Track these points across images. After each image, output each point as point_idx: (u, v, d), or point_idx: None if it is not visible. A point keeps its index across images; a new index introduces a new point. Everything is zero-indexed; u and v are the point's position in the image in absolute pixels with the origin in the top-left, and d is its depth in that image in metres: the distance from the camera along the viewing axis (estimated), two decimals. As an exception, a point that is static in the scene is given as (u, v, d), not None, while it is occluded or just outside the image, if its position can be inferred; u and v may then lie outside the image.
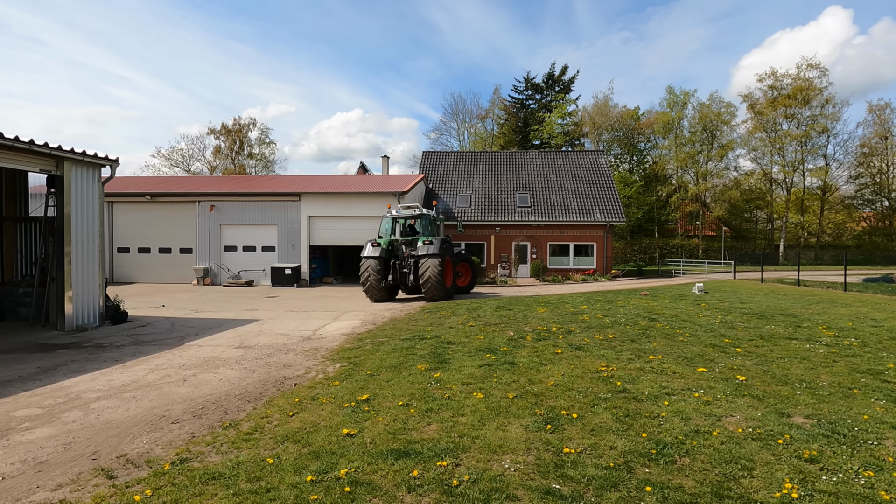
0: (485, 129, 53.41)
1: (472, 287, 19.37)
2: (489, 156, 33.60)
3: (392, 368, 6.84)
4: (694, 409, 4.65)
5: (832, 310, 11.78)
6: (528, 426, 4.38)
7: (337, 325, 11.35)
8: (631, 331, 8.90)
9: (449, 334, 9.22)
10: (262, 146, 53.68)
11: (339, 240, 23.83)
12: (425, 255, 15.67)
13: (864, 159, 43.33)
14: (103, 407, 5.72)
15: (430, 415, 4.85)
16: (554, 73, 52.36)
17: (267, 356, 8.27)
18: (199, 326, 11.30)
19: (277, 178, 30.49)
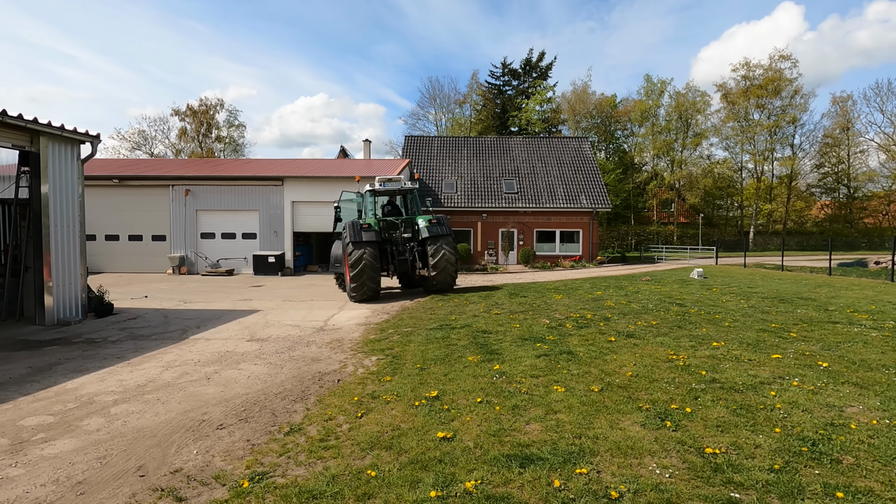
0: (462, 114, 52.73)
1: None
2: (473, 141, 33.05)
3: (440, 361, 6.32)
4: (806, 400, 4.36)
5: (843, 293, 11.96)
6: (644, 423, 3.96)
7: (347, 315, 10.70)
8: (669, 317, 8.66)
9: (478, 323, 8.75)
10: (231, 129, 51.26)
11: (325, 226, 22.83)
12: (436, 235, 13.01)
13: (827, 149, 45.20)
14: (127, 412, 4.98)
15: (521, 412, 4.38)
16: (531, 60, 52.04)
17: (287, 350, 7.60)
18: (196, 318, 10.41)
19: (257, 161, 29.03)
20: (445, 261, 13.03)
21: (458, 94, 54.37)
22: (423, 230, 13.18)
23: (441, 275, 13.12)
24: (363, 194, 14.22)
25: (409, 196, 14.51)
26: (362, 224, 12.74)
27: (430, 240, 13.09)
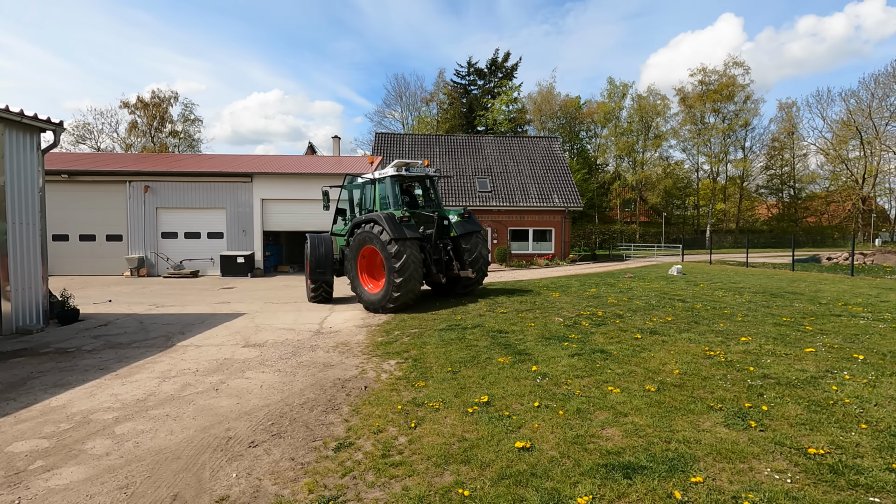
0: (429, 113, 52.32)
1: None
2: (445, 139, 32.77)
3: (469, 364, 5.98)
4: (870, 394, 4.32)
5: (822, 287, 12.48)
6: (726, 423, 3.79)
7: (341, 317, 10.16)
8: (679, 313, 8.65)
9: (489, 322, 8.46)
10: (187, 123, 48.60)
11: (297, 225, 21.95)
12: (470, 232, 11.23)
13: (774, 152, 47.87)
14: (135, 431, 4.37)
15: (588, 416, 4.11)
16: (497, 60, 52.27)
17: (292, 355, 7.05)
18: (177, 323, 9.59)
19: (223, 157, 27.55)
20: (483, 261, 11.43)
21: (424, 92, 53.97)
22: (458, 226, 11.28)
23: (479, 276, 11.42)
24: (378, 180, 11.47)
25: (431, 184, 12.24)
26: (402, 216, 10.20)
27: (465, 237, 11.29)
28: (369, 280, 10.94)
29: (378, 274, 10.97)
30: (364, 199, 12.23)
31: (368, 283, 10.87)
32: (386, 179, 11.29)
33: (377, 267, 10.99)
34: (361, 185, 12.34)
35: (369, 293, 10.56)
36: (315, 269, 11.65)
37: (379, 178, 11.48)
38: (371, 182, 11.79)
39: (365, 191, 12.20)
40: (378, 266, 10.94)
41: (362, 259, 10.92)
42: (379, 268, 10.88)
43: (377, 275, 10.99)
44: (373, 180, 11.68)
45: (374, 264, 11.06)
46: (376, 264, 10.99)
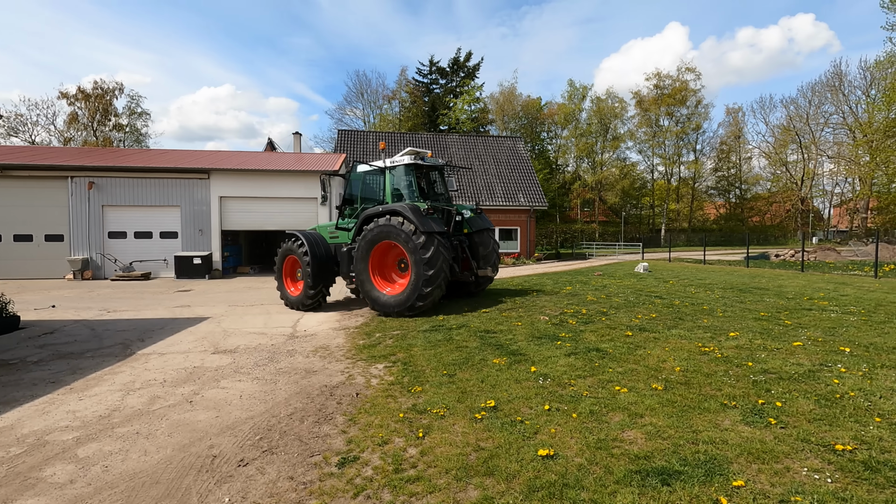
0: (391, 111, 51.68)
1: None
2: (409, 137, 32.39)
3: (463, 366, 5.73)
4: (871, 386, 4.38)
5: (782, 283, 13.02)
6: (746, 421, 3.72)
7: (315, 320, 9.68)
8: (661, 309, 8.72)
9: (474, 322, 8.24)
10: (133, 117, 45.77)
11: (258, 224, 21.03)
12: (483, 229, 10.63)
13: (723, 155, 50.32)
14: (101, 453, 3.86)
15: (603, 419, 3.95)
16: (459, 59, 52.26)
17: (269, 361, 6.58)
18: (134, 330, 8.83)
19: (176, 152, 26.01)
20: (497, 259, 10.86)
21: (386, 89, 53.28)
22: (472, 222, 10.55)
23: (492, 274, 10.74)
24: (390, 168, 10.36)
25: (441, 176, 11.17)
26: (426, 208, 9.24)
27: (479, 234, 10.62)
28: (383, 282, 9.84)
29: (390, 274, 10.08)
30: (372, 190, 11.00)
31: (384, 285, 9.75)
32: (400, 168, 10.24)
33: (390, 266, 10.09)
34: (368, 175, 10.99)
35: (387, 295, 9.41)
36: (318, 272, 10.32)
37: (391, 166, 10.34)
38: (381, 171, 10.59)
39: (373, 180, 11.01)
40: (391, 265, 10.08)
41: (374, 257, 9.75)
42: (392, 266, 10.08)
43: (390, 275, 10.07)
44: (383, 169, 10.48)
45: (386, 263, 10.04)
46: (388, 263, 10.06)
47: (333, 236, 11.25)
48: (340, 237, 11.08)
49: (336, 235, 11.18)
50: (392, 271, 10.13)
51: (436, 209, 9.82)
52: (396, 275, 10.04)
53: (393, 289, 9.66)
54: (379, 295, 9.51)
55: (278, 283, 11.27)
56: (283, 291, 11.17)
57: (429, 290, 8.88)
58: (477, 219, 10.70)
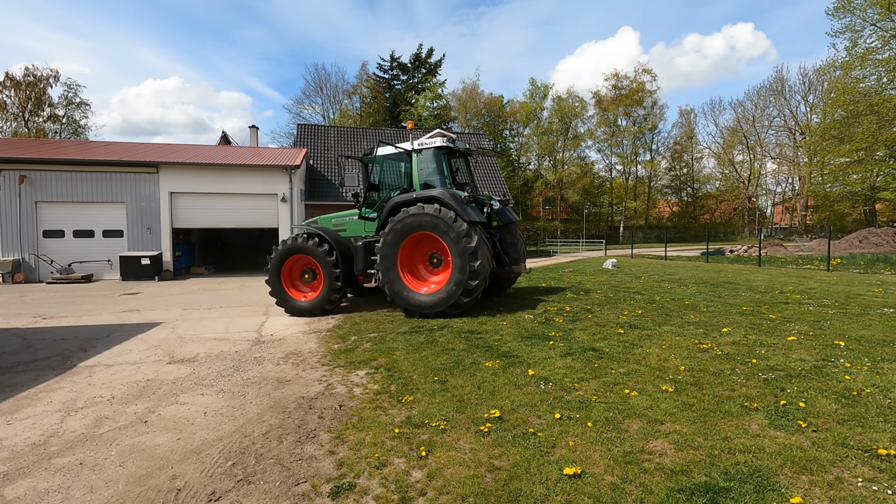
0: (352, 106, 50.48)
1: None
2: (373, 133, 31.57)
3: (454, 370, 5.29)
4: (882, 381, 4.27)
5: (747, 277, 13.33)
6: (774, 425, 3.47)
7: (282, 323, 8.99)
8: (645, 305, 8.60)
9: (455, 321, 7.82)
10: (70, 107, 42.47)
11: (213, 221, 19.79)
12: (513, 221, 9.79)
13: (676, 155, 52.20)
14: (36, 492, 3.19)
15: (621, 427, 3.62)
16: (420, 55, 51.65)
17: (234, 371, 5.92)
18: (74, 338, 7.88)
19: (120, 144, 24.15)
20: (525, 255, 10.01)
21: (346, 84, 52.02)
22: (501, 214, 9.65)
23: (525, 271, 9.58)
24: (418, 151, 9.40)
25: (467, 164, 10.19)
26: (466, 196, 8.39)
27: (508, 227, 9.72)
28: (413, 279, 8.82)
29: (418, 270, 9.04)
30: (393, 176, 10.02)
31: (419, 284, 8.76)
32: (429, 151, 9.26)
33: (419, 261, 9.06)
34: (389, 159, 9.89)
35: (422, 294, 8.43)
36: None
37: (419, 148, 9.35)
38: (407, 154, 9.53)
39: (394, 165, 10.01)
40: (420, 260, 9.06)
41: (403, 251, 8.68)
42: (422, 261, 9.07)
43: (418, 271, 9.04)
44: (410, 151, 9.46)
45: (415, 258, 9.02)
46: (418, 258, 9.04)
47: (340, 229, 10.23)
48: (349, 230, 10.15)
49: (343, 228, 10.22)
50: (421, 267, 9.07)
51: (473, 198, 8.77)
52: (427, 271, 9.02)
53: (430, 287, 8.65)
54: (411, 294, 8.45)
55: (274, 289, 9.73)
56: (282, 298, 9.70)
57: (475, 284, 7.98)
58: (505, 211, 9.80)
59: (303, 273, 9.89)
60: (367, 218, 9.79)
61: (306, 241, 9.43)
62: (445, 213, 8.09)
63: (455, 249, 8.07)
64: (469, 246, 7.93)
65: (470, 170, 10.27)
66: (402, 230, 8.47)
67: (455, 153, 9.61)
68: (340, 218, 10.33)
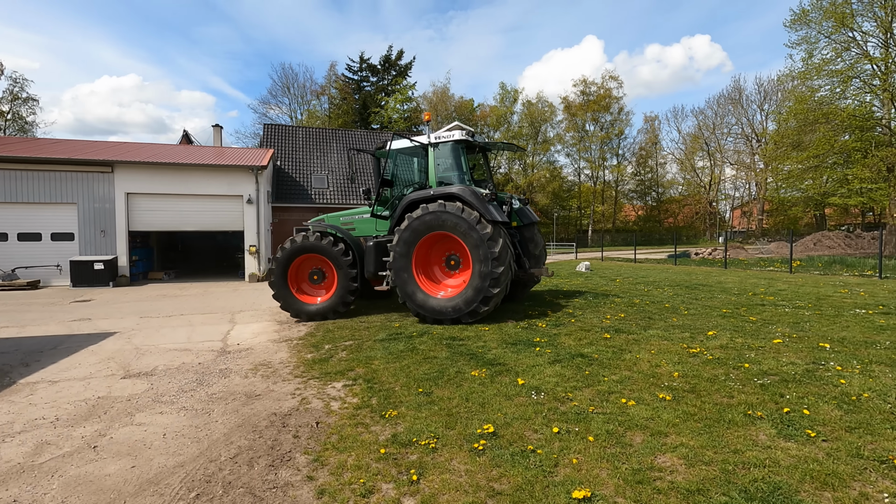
0: (320, 107, 49.51)
1: None
2: (343, 134, 30.94)
3: (439, 381, 4.99)
4: (879, 385, 4.22)
5: (719, 279, 13.55)
6: (783, 434, 3.32)
7: (249, 330, 8.47)
8: (626, 308, 8.51)
9: (435, 327, 7.51)
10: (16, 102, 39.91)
11: (173, 224, 18.80)
12: (534, 222, 9.23)
13: (641, 160, 53.55)
14: (-44, 541, 2.70)
15: (624, 441, 3.39)
16: (391, 57, 51.26)
17: (198, 385, 5.44)
18: (15, 351, 7.16)
19: (71, 142, 22.72)
20: (544, 258, 9.42)
21: (314, 84, 51.00)
22: (521, 213, 8.98)
23: (547, 275, 8.85)
24: (434, 145, 8.73)
25: (486, 159, 9.70)
26: (488, 194, 7.87)
27: (528, 227, 9.11)
28: (428, 282, 8.23)
29: (434, 272, 8.46)
30: (408, 171, 9.48)
31: (435, 288, 8.16)
32: (447, 145, 8.63)
33: (434, 263, 8.47)
34: (403, 153, 9.28)
35: (438, 299, 7.85)
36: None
37: (437, 142, 8.69)
38: (423, 148, 8.88)
39: (409, 160, 9.44)
40: (436, 261, 8.47)
41: (418, 252, 8.11)
42: (438, 263, 8.48)
43: (433, 273, 8.45)
44: (426, 145, 8.79)
45: (430, 260, 8.42)
46: (433, 259, 8.45)
47: (350, 228, 9.66)
48: (359, 229, 9.58)
49: (353, 227, 9.65)
50: (437, 269, 8.47)
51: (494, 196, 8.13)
52: (443, 273, 8.44)
53: (447, 291, 8.07)
54: (427, 298, 7.87)
55: (280, 293, 9.12)
56: (289, 302, 9.13)
57: (496, 290, 7.43)
58: (526, 210, 9.14)
59: (311, 274, 9.31)
60: (380, 216, 9.23)
61: (319, 239, 8.88)
62: (469, 214, 7.53)
63: (477, 254, 7.52)
64: (493, 251, 7.38)
65: (488, 166, 9.73)
66: (420, 228, 7.88)
67: (474, 148, 9.09)
68: (349, 216, 9.81)
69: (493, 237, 7.42)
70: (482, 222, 7.48)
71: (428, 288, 8.04)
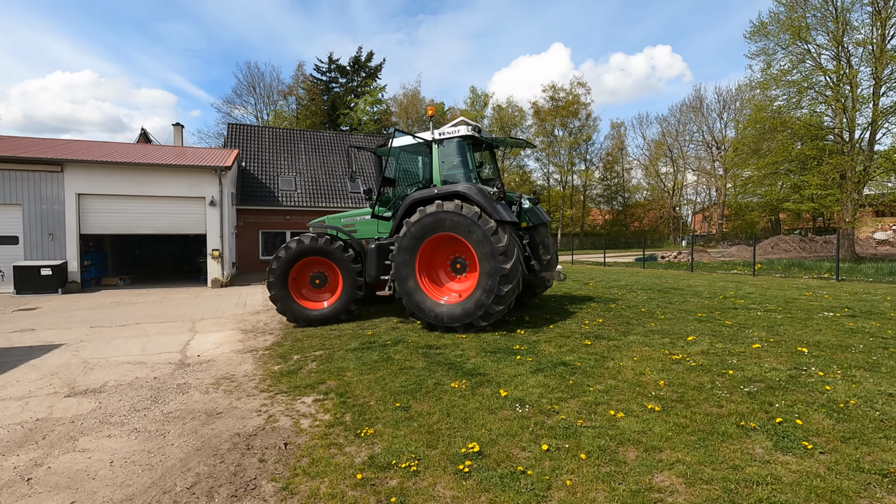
0: (288, 107, 48.40)
1: None
2: (311, 135, 30.22)
3: (417, 394, 4.71)
4: (862, 390, 4.19)
5: (688, 282, 13.75)
6: (779, 447, 3.20)
7: (210, 340, 7.96)
8: (603, 314, 8.42)
9: (410, 336, 7.21)
10: (-45, 97, 37.22)
11: (129, 227, 17.78)
12: (544, 222, 8.73)
13: (608, 165, 54.69)
14: None
15: (617, 458, 3.20)
16: (360, 58, 50.62)
17: (152, 403, 4.99)
18: (-56, 367, 6.45)
19: (15, 139, 21.21)
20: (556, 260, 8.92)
21: (282, 84, 49.81)
22: (532, 214, 8.43)
23: (560, 279, 8.40)
24: (439, 141, 8.29)
25: (493, 157, 9.23)
26: (495, 191, 7.38)
27: (538, 228, 8.60)
28: (433, 288, 7.79)
29: (439, 276, 7.98)
30: (411, 170, 9.04)
31: (441, 293, 7.71)
32: (453, 142, 8.17)
33: (439, 266, 7.99)
34: (406, 150, 8.82)
35: (445, 304, 7.39)
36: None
37: (442, 138, 8.23)
38: (426, 145, 8.44)
39: (411, 157, 9.02)
40: (441, 265, 7.99)
41: (422, 254, 7.66)
42: (442, 267, 7.99)
43: (438, 278, 7.98)
44: (430, 142, 8.35)
45: (434, 263, 7.96)
46: (438, 263, 7.98)
47: (351, 230, 9.21)
48: (360, 231, 9.13)
49: (354, 229, 9.20)
50: (442, 273, 8.00)
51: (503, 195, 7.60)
52: (448, 277, 7.96)
53: (451, 296, 7.58)
54: (433, 305, 7.43)
55: (280, 299, 8.65)
56: (291, 308, 8.69)
57: (507, 290, 6.89)
58: (536, 210, 8.59)
59: (313, 278, 8.88)
60: (381, 217, 8.80)
61: (329, 243, 8.48)
62: (469, 210, 7.07)
63: (481, 251, 7.03)
64: (498, 246, 6.86)
65: (496, 164, 9.20)
66: (420, 234, 7.49)
67: (480, 144, 8.60)
68: (350, 218, 9.38)
69: (497, 232, 6.96)
70: (483, 217, 7.02)
71: (435, 295, 7.59)
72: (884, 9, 20.50)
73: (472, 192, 7.30)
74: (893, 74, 21.12)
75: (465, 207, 7.11)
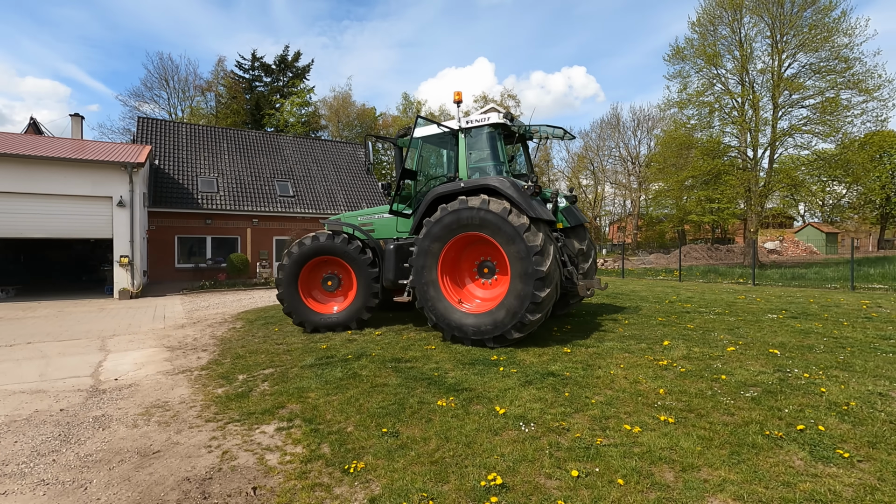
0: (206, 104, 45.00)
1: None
2: (236, 134, 28.13)
3: (401, 416, 4.12)
4: (857, 392, 4.22)
5: (631, 287, 14.17)
6: (818, 457, 3.02)
7: (128, 360, 6.77)
8: (564, 321, 8.26)
9: (372, 348, 6.55)
10: None
11: (16, 230, 15.27)
12: (583, 223, 8.04)
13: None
14: None
15: (656, 479, 2.87)
16: (287, 57, 48.39)
17: (60, 443, 3.98)
18: None
19: None
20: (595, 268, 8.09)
21: (199, 79, 46.25)
22: (569, 214, 7.73)
23: (600, 287, 7.57)
24: (466, 130, 7.37)
25: (525, 149, 8.34)
26: (529, 185, 6.51)
27: (577, 230, 7.86)
28: (456, 293, 6.87)
29: (464, 281, 7.07)
30: (434, 162, 8.23)
31: (465, 301, 6.81)
32: (482, 130, 7.25)
33: (464, 270, 7.09)
34: (429, 140, 7.97)
35: (469, 314, 6.49)
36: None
37: (470, 126, 7.32)
38: (453, 134, 7.51)
39: (435, 148, 8.16)
40: (466, 269, 7.09)
41: (446, 256, 6.79)
42: (468, 271, 7.09)
43: (463, 283, 7.07)
44: (457, 130, 7.43)
45: (459, 266, 7.06)
46: (463, 266, 7.08)
47: (369, 229, 8.27)
48: (378, 230, 8.24)
49: (372, 228, 8.28)
50: (468, 279, 7.10)
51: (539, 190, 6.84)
52: (475, 283, 7.06)
53: (476, 304, 6.75)
54: (456, 314, 6.55)
55: (290, 303, 7.95)
56: (302, 313, 7.97)
57: (544, 295, 5.95)
58: (573, 210, 7.86)
59: (324, 280, 8.15)
60: (401, 214, 7.95)
61: (346, 242, 7.76)
62: (497, 205, 6.20)
63: (512, 252, 6.13)
64: (533, 245, 5.97)
65: (528, 156, 8.35)
66: (441, 234, 6.66)
67: (512, 134, 7.75)
68: (368, 216, 8.56)
69: (530, 228, 6.08)
70: (514, 213, 6.16)
71: (460, 303, 6.77)
72: (780, 41, 22.96)
73: (503, 185, 6.41)
74: (788, 101, 23.67)
75: (492, 202, 6.29)
